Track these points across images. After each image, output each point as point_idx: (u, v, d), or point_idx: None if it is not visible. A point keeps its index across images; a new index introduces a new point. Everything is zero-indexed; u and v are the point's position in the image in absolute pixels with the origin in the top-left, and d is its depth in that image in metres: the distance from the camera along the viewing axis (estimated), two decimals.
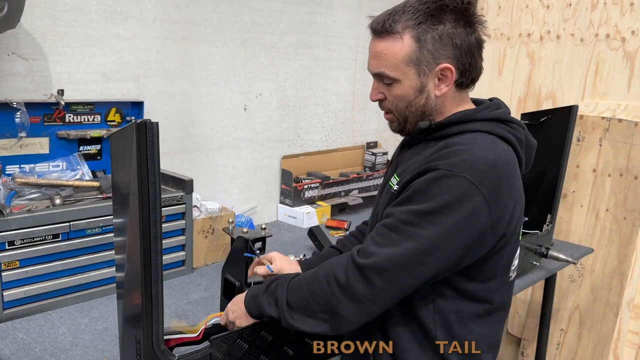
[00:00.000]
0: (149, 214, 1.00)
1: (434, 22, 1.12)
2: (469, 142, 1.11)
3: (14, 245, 1.54)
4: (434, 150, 1.14)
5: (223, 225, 2.05)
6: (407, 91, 1.17)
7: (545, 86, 2.89)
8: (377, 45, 1.17)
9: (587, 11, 2.71)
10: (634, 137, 2.55)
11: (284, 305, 1.16)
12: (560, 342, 2.83)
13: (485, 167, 1.07)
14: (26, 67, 1.82)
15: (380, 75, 1.18)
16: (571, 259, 2.13)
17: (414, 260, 1.06)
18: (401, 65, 1.14)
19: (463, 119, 1.16)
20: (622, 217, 2.60)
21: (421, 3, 1.13)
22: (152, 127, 0.97)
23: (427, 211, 1.05)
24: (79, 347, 1.46)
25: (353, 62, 2.96)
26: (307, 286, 1.14)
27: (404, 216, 1.08)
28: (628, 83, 2.60)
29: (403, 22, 1.13)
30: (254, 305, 1.22)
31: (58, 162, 1.87)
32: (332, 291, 1.10)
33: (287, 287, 1.17)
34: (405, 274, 1.07)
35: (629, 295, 2.57)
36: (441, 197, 1.05)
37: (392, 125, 1.27)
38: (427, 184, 1.07)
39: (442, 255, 1.07)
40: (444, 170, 1.06)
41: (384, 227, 1.11)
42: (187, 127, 2.30)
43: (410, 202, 1.09)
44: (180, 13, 2.18)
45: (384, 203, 1.22)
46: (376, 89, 1.23)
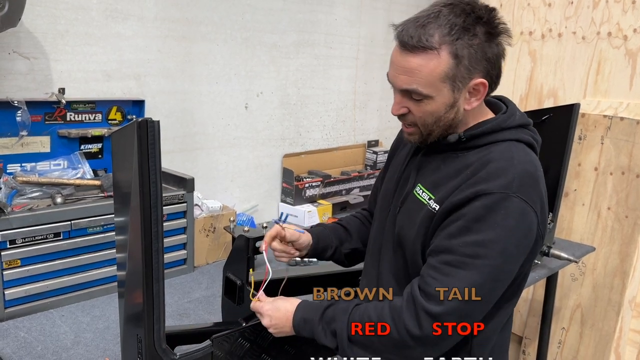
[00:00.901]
0: (150, 212, 1.00)
1: (470, 36, 1.06)
2: (507, 157, 1.09)
3: (16, 244, 1.55)
4: (474, 168, 1.10)
5: (224, 224, 2.05)
6: (439, 107, 1.11)
7: (547, 84, 2.88)
8: (410, 60, 1.07)
9: (589, 9, 2.70)
10: (636, 135, 2.54)
11: (344, 339, 1.12)
12: (561, 341, 2.83)
13: (531, 182, 1.08)
14: (27, 65, 1.82)
15: (407, 91, 1.11)
16: (573, 258, 2.13)
17: (489, 291, 1.07)
18: (436, 82, 1.07)
19: (494, 129, 1.14)
20: (623, 216, 2.60)
21: (456, 15, 1.06)
22: (153, 126, 0.97)
23: (493, 239, 1.04)
24: (80, 346, 1.46)
25: (354, 60, 2.96)
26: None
27: (469, 250, 1.04)
28: (630, 81, 2.59)
29: (439, 36, 1.05)
30: (305, 330, 1.19)
31: (59, 161, 1.87)
32: (403, 340, 1.07)
33: (348, 322, 1.13)
34: (481, 306, 1.08)
35: (630, 293, 2.56)
36: (503, 223, 1.04)
37: (412, 137, 1.19)
38: (486, 211, 1.04)
39: (509, 276, 1.09)
40: (498, 194, 1.04)
41: (447, 265, 1.06)
42: (188, 125, 2.30)
43: (469, 232, 1.05)
44: (181, 12, 2.18)
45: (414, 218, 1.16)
46: (400, 104, 1.14)
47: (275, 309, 1.23)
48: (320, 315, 1.17)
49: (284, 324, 1.21)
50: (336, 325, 1.14)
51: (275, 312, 1.23)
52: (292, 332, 1.21)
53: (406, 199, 1.21)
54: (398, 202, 1.24)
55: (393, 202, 1.27)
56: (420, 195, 1.17)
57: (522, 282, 1.21)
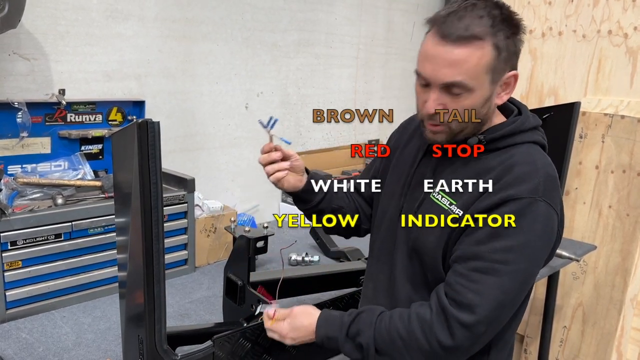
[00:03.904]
0: (151, 213, 1.00)
1: (508, 28, 1.06)
2: (530, 160, 1.09)
3: (17, 245, 1.55)
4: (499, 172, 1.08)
5: (225, 224, 2.05)
6: (477, 101, 1.08)
7: (548, 83, 2.88)
8: (455, 52, 1.03)
9: (589, 7, 2.69)
10: (637, 133, 2.54)
11: (371, 351, 1.11)
12: (563, 339, 2.83)
13: (552, 184, 1.09)
14: (27, 66, 1.82)
15: (449, 85, 1.06)
16: (574, 256, 2.13)
17: (518, 296, 1.08)
18: (481, 74, 1.05)
19: (514, 131, 1.13)
20: (625, 214, 2.59)
21: (492, 7, 1.05)
22: (154, 127, 0.97)
23: (522, 244, 1.04)
24: (81, 347, 1.46)
25: (355, 59, 2.96)
26: (402, 341, 1.08)
27: (500, 256, 1.04)
28: (630, 79, 2.59)
29: (482, 27, 1.03)
30: (330, 346, 1.16)
31: (60, 162, 1.87)
32: (434, 351, 1.06)
33: (374, 334, 1.11)
34: (510, 311, 1.09)
35: (632, 292, 2.56)
36: (531, 227, 1.04)
37: (438, 137, 1.13)
38: (515, 216, 1.04)
39: (534, 279, 1.12)
40: (527, 198, 1.04)
41: (476, 272, 1.05)
42: (188, 125, 2.30)
43: (499, 238, 1.04)
44: (182, 11, 2.18)
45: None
46: (437, 100, 1.08)
47: (293, 329, 1.20)
48: (346, 332, 1.14)
49: (306, 341, 1.19)
50: (362, 340, 1.12)
51: (295, 333, 1.20)
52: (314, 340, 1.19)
53: (422, 203, 1.18)
54: (413, 206, 1.19)
55: (404, 205, 1.22)
56: (439, 200, 1.14)
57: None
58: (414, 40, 3.21)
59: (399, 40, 3.15)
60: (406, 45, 3.19)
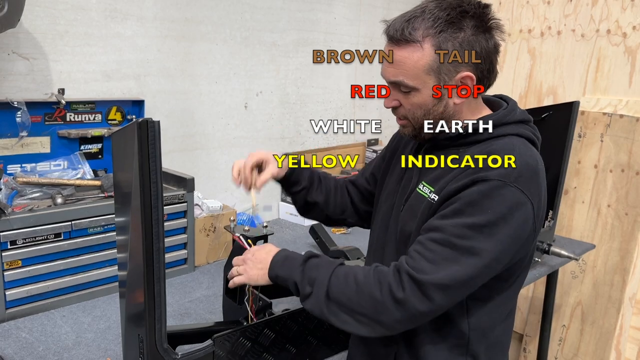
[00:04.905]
0: (151, 212, 1.00)
1: (455, 29, 1.07)
2: (509, 149, 1.09)
3: (16, 245, 1.55)
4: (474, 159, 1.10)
5: (224, 224, 2.05)
6: (425, 100, 1.13)
7: (546, 82, 2.88)
8: (395, 53, 1.12)
9: (588, 7, 2.70)
10: (635, 132, 2.55)
11: (322, 291, 1.11)
12: (562, 338, 2.83)
13: (530, 174, 1.08)
14: (27, 66, 1.82)
15: (397, 83, 1.15)
16: (573, 255, 2.13)
17: (475, 275, 1.06)
18: (421, 74, 1.10)
19: (495, 124, 1.14)
20: (623, 213, 2.60)
21: (441, 9, 1.08)
22: (154, 126, 0.97)
23: (483, 224, 1.04)
24: (81, 346, 1.46)
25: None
26: (356, 285, 1.09)
27: (458, 230, 1.05)
28: (629, 78, 2.60)
29: (423, 29, 1.08)
30: (282, 268, 1.17)
31: (59, 161, 1.87)
32: (384, 301, 1.06)
33: (331, 275, 1.12)
34: (465, 288, 1.08)
35: (630, 290, 2.57)
36: (496, 209, 1.04)
37: (406, 130, 1.21)
38: (480, 196, 1.05)
39: (498, 265, 1.08)
40: (495, 180, 1.04)
41: (433, 242, 1.07)
42: (187, 125, 2.30)
43: (461, 214, 1.06)
44: (181, 11, 2.18)
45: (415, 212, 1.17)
46: (392, 97, 1.18)
47: (253, 251, 1.26)
48: (305, 259, 1.17)
49: (260, 262, 1.21)
50: (318, 274, 1.13)
51: (252, 255, 1.25)
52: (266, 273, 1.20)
53: (409, 196, 1.22)
54: (402, 200, 1.24)
55: (396, 201, 1.27)
56: (422, 190, 1.18)
57: (520, 277, 1.21)
58: None
59: None
60: None
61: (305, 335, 1.39)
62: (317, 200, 1.47)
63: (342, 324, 1.11)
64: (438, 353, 1.18)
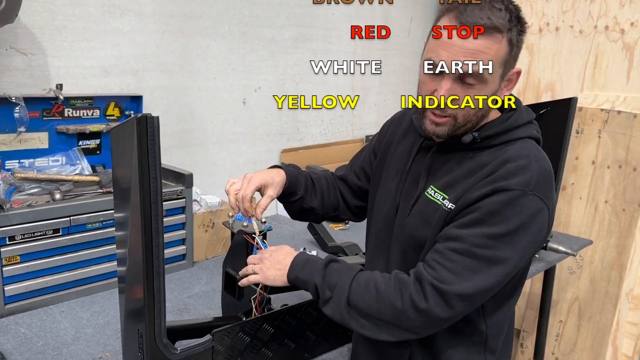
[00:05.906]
0: (150, 208, 1.00)
1: (519, 25, 1.07)
2: (525, 154, 1.09)
3: (15, 240, 1.55)
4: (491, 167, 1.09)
5: (223, 219, 2.05)
6: (487, 94, 1.08)
7: (545, 78, 2.88)
8: (475, 42, 1.03)
9: (586, 3, 2.70)
10: (633, 128, 2.55)
11: (343, 297, 1.10)
12: (559, 334, 2.85)
13: (545, 179, 1.09)
14: (25, 61, 1.81)
15: (464, 75, 1.05)
16: (570, 251, 2.14)
17: (498, 283, 1.07)
18: (497, 66, 1.06)
19: (508, 128, 1.13)
20: (621, 209, 2.61)
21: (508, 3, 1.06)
22: (153, 122, 0.97)
23: (504, 233, 1.04)
24: (80, 342, 1.47)
25: (352, 55, 2.95)
26: (377, 293, 1.09)
27: (479, 240, 1.04)
28: (627, 75, 2.60)
29: (501, 20, 1.04)
30: (303, 271, 1.16)
31: (57, 157, 1.87)
32: (405, 310, 1.06)
33: (352, 281, 1.12)
34: (487, 295, 1.09)
35: (627, 286, 2.58)
36: (517, 218, 1.04)
37: (440, 129, 1.12)
38: (502, 206, 1.04)
39: (515, 270, 1.10)
40: (517, 190, 1.04)
41: (453, 252, 1.06)
42: (186, 121, 2.30)
43: (482, 224, 1.05)
44: (179, 7, 2.17)
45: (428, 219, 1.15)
46: (450, 90, 1.06)
47: (277, 247, 1.24)
48: (326, 264, 1.16)
49: (279, 263, 1.20)
50: (339, 280, 1.12)
51: (276, 250, 1.24)
52: (285, 274, 1.19)
53: (417, 200, 1.19)
54: (408, 204, 1.21)
55: (400, 203, 1.23)
56: (432, 196, 1.15)
57: (525, 273, 1.23)
58: (412, 36, 3.21)
59: (396, 35, 3.15)
60: (404, 40, 3.19)
61: (304, 331, 1.39)
62: (313, 206, 1.44)
63: (361, 328, 1.11)
64: (456, 353, 1.19)
